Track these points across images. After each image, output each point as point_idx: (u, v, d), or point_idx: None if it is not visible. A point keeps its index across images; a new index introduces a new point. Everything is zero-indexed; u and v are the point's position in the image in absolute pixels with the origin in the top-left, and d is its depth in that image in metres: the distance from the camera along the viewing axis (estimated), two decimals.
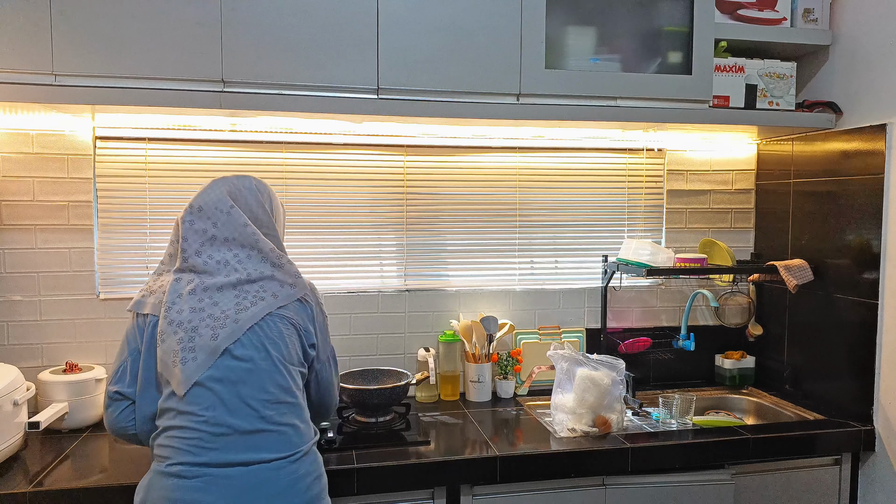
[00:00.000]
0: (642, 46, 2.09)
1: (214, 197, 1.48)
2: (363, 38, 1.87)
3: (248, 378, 1.33)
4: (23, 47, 1.70)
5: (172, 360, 1.33)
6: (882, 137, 2.03)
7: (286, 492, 1.30)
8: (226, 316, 1.36)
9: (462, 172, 2.41)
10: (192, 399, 1.31)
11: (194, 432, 1.30)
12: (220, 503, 1.25)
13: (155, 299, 1.42)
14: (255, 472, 1.28)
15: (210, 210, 1.46)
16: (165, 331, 1.35)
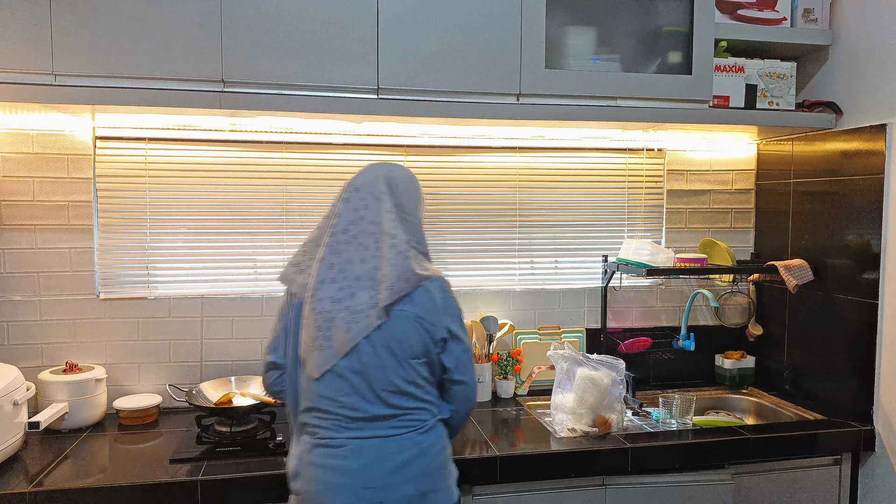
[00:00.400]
0: (642, 46, 2.09)
1: (371, 179, 1.54)
2: (363, 38, 1.87)
3: (376, 371, 1.44)
4: (23, 47, 1.70)
5: (310, 345, 1.46)
6: (882, 137, 2.03)
7: (416, 459, 1.44)
8: (360, 310, 1.44)
9: (462, 172, 2.41)
10: (328, 384, 1.45)
11: (334, 415, 1.45)
12: (360, 466, 1.41)
13: (302, 279, 1.51)
14: (390, 442, 1.44)
15: (365, 192, 1.53)
16: (308, 316, 1.47)
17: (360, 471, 1.42)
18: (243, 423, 1.96)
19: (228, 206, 2.24)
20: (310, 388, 1.47)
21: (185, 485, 1.63)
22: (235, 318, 2.25)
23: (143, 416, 2.06)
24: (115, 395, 2.14)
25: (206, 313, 2.23)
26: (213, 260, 2.24)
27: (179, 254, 2.22)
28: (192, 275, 2.23)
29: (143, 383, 2.20)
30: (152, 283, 2.20)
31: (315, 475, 1.43)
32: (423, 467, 1.45)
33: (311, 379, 1.46)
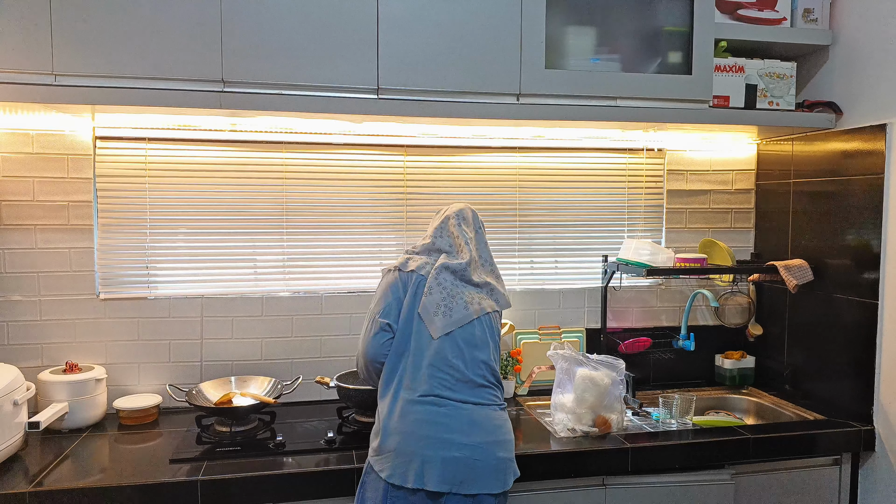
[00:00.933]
0: (642, 46, 2.09)
1: (471, 215, 1.84)
2: (363, 38, 1.87)
3: (483, 347, 1.69)
4: (23, 47, 1.70)
5: (434, 311, 1.67)
6: (882, 137, 2.03)
7: (500, 428, 1.63)
8: (473, 300, 1.72)
9: (462, 172, 2.41)
10: (443, 345, 1.65)
11: (442, 372, 1.63)
12: (462, 426, 1.59)
13: (418, 265, 1.73)
14: (482, 409, 1.64)
15: (468, 223, 1.83)
16: (434, 288, 1.69)
17: (461, 429, 1.58)
18: (243, 423, 1.96)
19: (228, 206, 2.24)
20: (426, 346, 1.65)
21: (185, 485, 1.63)
22: (235, 318, 2.25)
23: (143, 416, 2.06)
24: (115, 395, 2.14)
25: (206, 313, 2.23)
26: (213, 260, 2.24)
27: (179, 254, 2.22)
28: (192, 275, 2.23)
29: (143, 383, 2.20)
30: (152, 283, 2.20)
31: (421, 430, 1.57)
32: (504, 437, 1.63)
33: (430, 339, 1.66)
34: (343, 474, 1.71)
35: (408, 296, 1.70)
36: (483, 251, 1.83)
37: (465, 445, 1.57)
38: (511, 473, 1.62)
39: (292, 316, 2.29)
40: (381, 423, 1.63)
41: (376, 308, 1.73)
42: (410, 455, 1.55)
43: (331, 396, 2.23)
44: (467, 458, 1.56)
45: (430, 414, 1.59)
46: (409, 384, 1.63)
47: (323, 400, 2.28)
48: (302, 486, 1.70)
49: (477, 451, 1.57)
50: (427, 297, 1.68)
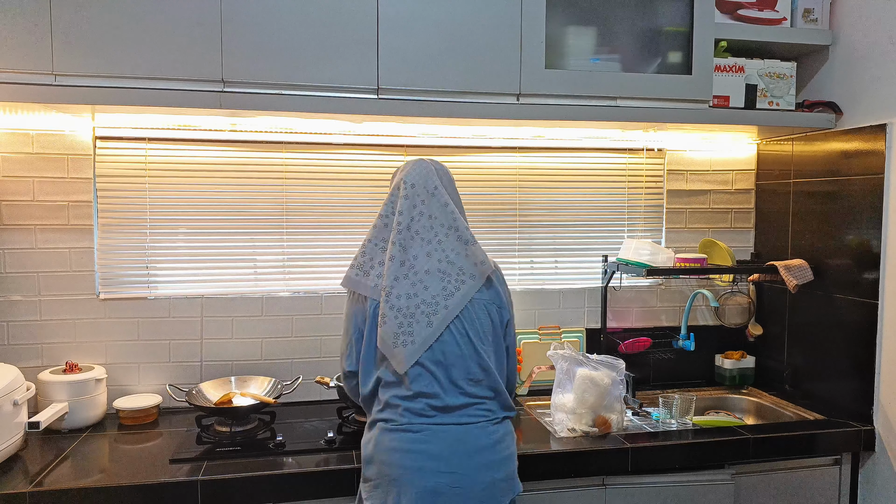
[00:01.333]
0: (642, 46, 2.09)
1: (423, 174, 1.60)
2: (363, 38, 1.87)
3: (457, 361, 1.52)
4: (23, 47, 1.70)
5: (393, 342, 1.50)
6: (882, 137, 2.03)
7: (490, 448, 1.50)
8: (436, 302, 1.52)
9: (462, 172, 2.41)
10: (412, 378, 1.50)
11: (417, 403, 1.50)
12: (440, 451, 1.46)
13: (371, 281, 1.56)
14: (466, 429, 1.50)
15: (420, 187, 1.58)
16: (387, 314, 1.51)
17: (439, 454, 1.46)
18: (243, 423, 1.96)
19: (228, 206, 2.24)
20: (393, 383, 1.52)
21: (185, 485, 1.63)
22: (235, 318, 2.25)
23: (143, 416, 2.06)
24: (115, 395, 2.14)
25: (206, 313, 2.23)
26: (213, 260, 2.24)
27: (179, 254, 2.22)
28: (192, 275, 2.23)
29: (143, 383, 2.20)
30: (152, 283, 2.20)
31: (394, 459, 1.47)
32: (496, 456, 1.51)
33: (394, 375, 1.51)
34: (343, 474, 1.71)
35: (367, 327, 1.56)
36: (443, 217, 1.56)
37: (444, 473, 1.45)
38: (508, 492, 1.51)
39: (292, 316, 2.29)
40: (363, 449, 1.56)
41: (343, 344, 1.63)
42: (388, 486, 1.47)
43: (331, 396, 2.23)
44: (446, 486, 1.44)
45: (405, 442, 1.48)
46: (383, 411, 1.53)
47: (323, 400, 2.28)
48: (302, 486, 1.70)
49: (459, 477, 1.45)
50: (382, 327, 1.51)
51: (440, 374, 1.51)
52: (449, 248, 1.56)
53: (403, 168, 1.65)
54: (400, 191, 1.59)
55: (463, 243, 1.57)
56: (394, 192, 1.61)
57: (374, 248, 1.59)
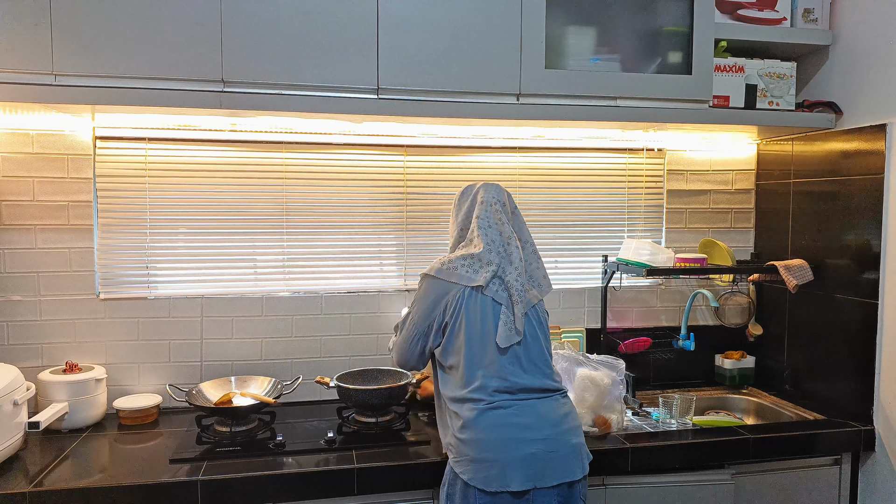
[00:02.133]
0: (642, 46, 2.09)
1: (503, 196, 1.81)
2: (363, 38, 1.87)
3: (534, 345, 1.70)
4: (23, 47, 1.70)
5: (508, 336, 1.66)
6: (882, 137, 2.03)
7: (568, 416, 1.67)
8: (523, 291, 1.71)
9: (462, 172, 2.41)
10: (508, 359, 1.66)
11: (503, 382, 1.64)
12: (530, 422, 1.61)
13: (465, 271, 1.71)
14: (544, 402, 1.66)
15: (508, 207, 1.81)
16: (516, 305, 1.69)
17: (531, 425, 1.60)
18: (243, 423, 1.96)
19: (228, 206, 2.24)
20: (490, 363, 1.65)
21: (185, 485, 1.63)
22: (235, 318, 2.25)
23: (143, 416, 2.06)
24: (115, 395, 2.14)
25: (206, 313, 2.23)
26: (213, 260, 2.24)
27: (179, 254, 2.22)
28: (192, 275, 2.23)
29: (143, 383, 2.20)
30: (152, 283, 2.20)
31: (493, 435, 1.59)
32: (572, 424, 1.66)
33: (492, 355, 1.65)
34: (343, 474, 1.71)
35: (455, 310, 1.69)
36: (521, 233, 1.82)
37: (538, 441, 1.59)
38: (586, 457, 1.65)
39: (292, 316, 2.29)
40: (453, 427, 1.65)
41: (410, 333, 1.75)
42: (491, 461, 1.56)
43: (331, 396, 2.22)
44: (543, 452, 1.58)
45: (501, 417, 1.60)
46: (472, 391, 1.63)
47: (323, 400, 2.28)
48: (302, 486, 1.70)
49: (551, 443, 1.59)
50: (503, 326, 1.68)
51: (523, 355, 1.68)
52: (527, 260, 1.79)
53: (485, 189, 1.81)
54: (495, 207, 1.78)
55: (536, 257, 1.82)
56: (488, 209, 1.77)
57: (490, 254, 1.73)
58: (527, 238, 1.83)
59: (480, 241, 1.74)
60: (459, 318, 1.68)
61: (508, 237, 1.75)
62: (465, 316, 1.68)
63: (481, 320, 1.68)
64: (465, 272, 1.71)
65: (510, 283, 1.71)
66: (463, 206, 1.84)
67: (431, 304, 1.72)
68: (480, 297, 1.69)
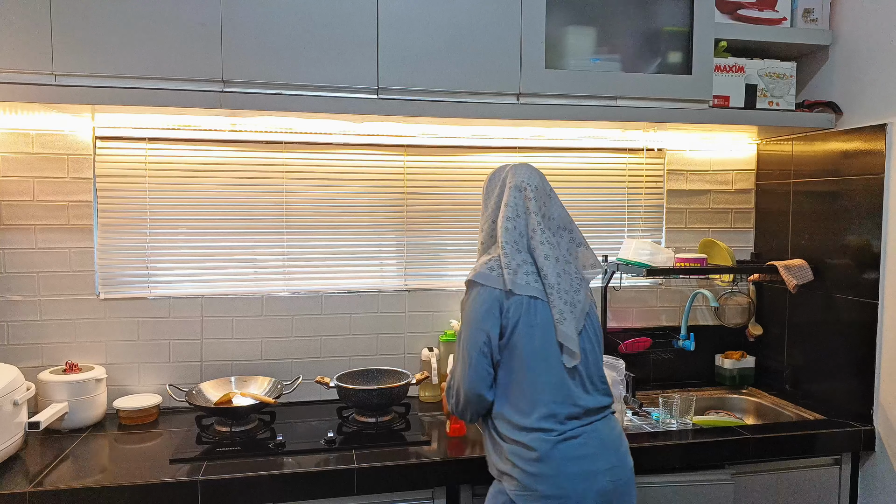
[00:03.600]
0: (642, 46, 2.09)
1: (537, 178, 1.62)
2: (363, 38, 1.87)
3: (592, 358, 1.57)
4: (23, 47, 1.70)
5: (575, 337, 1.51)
6: (882, 137, 2.03)
7: (622, 436, 1.59)
8: (576, 304, 1.55)
9: (462, 172, 2.41)
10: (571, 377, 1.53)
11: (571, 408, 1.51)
12: (596, 450, 1.51)
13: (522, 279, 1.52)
14: (604, 423, 1.55)
15: (541, 190, 1.61)
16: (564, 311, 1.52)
17: (598, 454, 1.50)
18: (243, 423, 1.96)
19: (228, 206, 2.24)
20: (556, 385, 1.51)
21: (185, 485, 1.63)
22: (235, 318, 2.25)
23: (143, 416, 2.06)
24: (115, 395, 2.15)
25: (206, 313, 2.23)
26: (213, 260, 2.24)
27: (179, 254, 2.22)
28: (192, 275, 2.23)
29: (143, 383, 2.20)
30: (152, 283, 2.20)
31: (566, 469, 1.48)
32: (626, 440, 1.60)
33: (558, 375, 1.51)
34: (343, 474, 1.71)
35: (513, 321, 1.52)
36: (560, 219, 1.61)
37: (606, 471, 1.50)
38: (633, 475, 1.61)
39: (292, 316, 2.29)
40: (517, 458, 1.51)
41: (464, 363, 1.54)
42: (565, 497, 1.47)
43: (331, 396, 2.23)
44: (612, 484, 1.50)
45: (573, 449, 1.49)
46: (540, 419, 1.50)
47: (323, 400, 2.28)
48: (302, 486, 1.70)
49: (617, 470, 1.52)
50: (562, 323, 1.51)
51: (584, 372, 1.55)
52: (564, 249, 1.60)
53: (514, 171, 1.63)
54: (527, 192, 1.59)
55: (575, 245, 1.63)
56: (516, 194, 1.59)
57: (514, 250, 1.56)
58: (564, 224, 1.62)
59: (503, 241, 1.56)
60: (517, 331, 1.51)
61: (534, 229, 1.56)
62: (524, 328, 1.51)
63: (541, 336, 1.51)
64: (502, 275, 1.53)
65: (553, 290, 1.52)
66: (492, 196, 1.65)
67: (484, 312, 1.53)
68: (540, 304, 1.52)
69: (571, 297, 1.55)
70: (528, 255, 1.56)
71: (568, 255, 1.60)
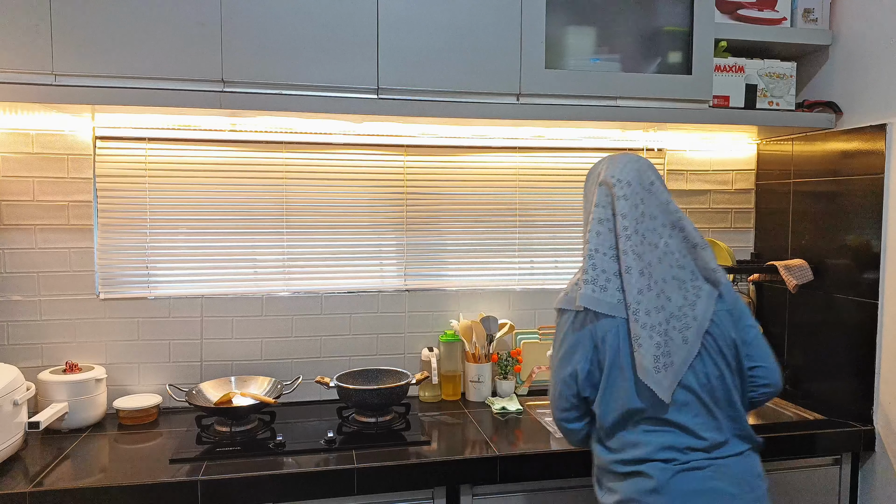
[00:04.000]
0: (642, 46, 2.09)
1: (636, 169, 1.42)
2: (363, 38, 1.87)
3: (718, 383, 1.37)
4: (23, 47, 1.70)
5: (654, 367, 1.32)
6: (882, 137, 2.03)
7: (761, 477, 1.39)
8: (683, 314, 1.34)
9: (462, 172, 2.41)
10: (679, 406, 1.34)
11: (690, 438, 1.34)
12: (727, 486, 1.33)
13: (611, 297, 1.36)
14: (739, 460, 1.36)
15: (636, 185, 1.40)
16: (641, 335, 1.33)
17: (726, 491, 1.33)
18: (243, 422, 1.96)
19: (228, 206, 2.24)
20: (656, 413, 1.35)
21: (185, 485, 1.63)
22: (235, 318, 2.25)
23: (143, 416, 2.06)
24: (115, 395, 2.15)
25: (206, 313, 2.23)
26: (213, 260, 2.24)
27: (179, 254, 2.22)
28: (192, 275, 2.23)
29: (143, 383, 2.20)
30: (152, 283, 2.20)
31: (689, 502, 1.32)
32: (764, 486, 1.40)
33: (656, 406, 1.34)
34: (343, 474, 1.71)
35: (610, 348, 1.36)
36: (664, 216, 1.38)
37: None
38: None
39: (292, 316, 2.29)
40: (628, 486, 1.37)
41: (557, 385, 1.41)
42: None
43: (331, 396, 2.23)
44: None
45: (694, 481, 1.33)
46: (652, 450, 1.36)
47: (323, 400, 2.28)
48: (302, 486, 1.70)
49: None
50: (638, 350, 1.33)
51: (706, 397, 1.35)
52: (676, 251, 1.38)
53: (608, 164, 1.46)
54: (614, 189, 1.40)
55: (691, 246, 1.40)
56: (604, 192, 1.43)
57: (604, 258, 1.39)
58: (674, 222, 1.39)
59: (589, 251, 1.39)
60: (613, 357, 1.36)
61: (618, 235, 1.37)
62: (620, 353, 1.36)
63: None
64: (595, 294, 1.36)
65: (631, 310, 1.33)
66: (587, 196, 1.47)
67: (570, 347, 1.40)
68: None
69: (666, 314, 1.34)
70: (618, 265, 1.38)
71: (681, 259, 1.38)
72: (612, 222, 1.40)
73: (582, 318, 1.40)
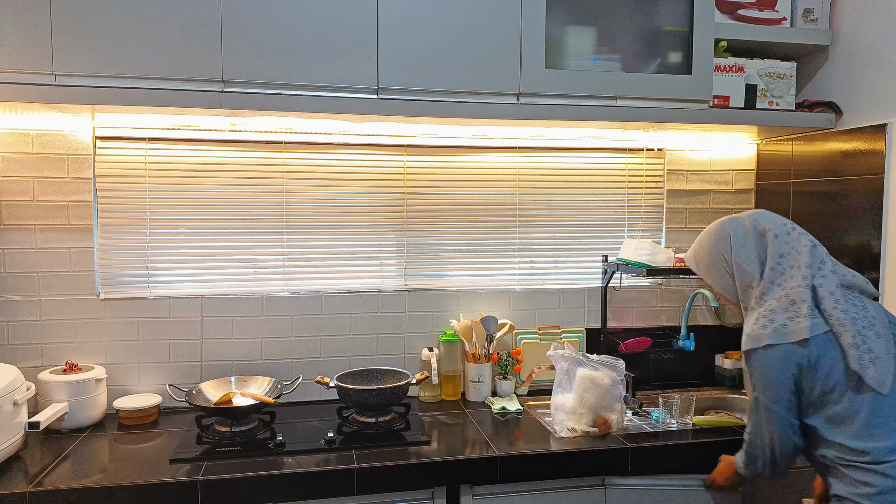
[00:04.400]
0: (642, 46, 2.09)
1: (780, 220, 1.60)
2: (363, 38, 1.87)
3: None
4: (23, 47, 1.70)
5: (861, 365, 1.40)
6: (882, 137, 2.03)
7: None
8: (864, 316, 1.46)
9: (462, 172, 2.41)
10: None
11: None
12: None
13: (806, 322, 1.45)
14: None
15: (796, 230, 1.59)
16: (853, 339, 1.42)
17: None
18: (243, 422, 1.96)
19: (228, 206, 2.24)
20: (878, 410, 1.40)
21: (185, 485, 1.64)
22: (235, 318, 2.25)
23: (143, 416, 2.06)
24: (115, 395, 2.14)
25: (206, 313, 2.23)
26: (213, 260, 2.24)
27: (179, 254, 2.22)
28: (192, 275, 2.23)
29: (143, 383, 2.20)
30: (152, 283, 2.20)
31: None
32: None
33: (876, 398, 1.40)
34: (343, 474, 1.71)
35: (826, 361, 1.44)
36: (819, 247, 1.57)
37: None
38: None
39: (292, 316, 2.29)
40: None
41: (772, 421, 1.49)
42: None
43: (331, 396, 2.23)
44: None
45: None
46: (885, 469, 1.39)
47: (323, 400, 2.28)
48: (302, 486, 1.70)
49: None
50: (852, 349, 1.42)
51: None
52: (839, 267, 1.56)
53: (758, 218, 1.61)
54: (791, 233, 1.58)
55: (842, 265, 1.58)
56: (760, 240, 1.58)
57: (795, 290, 1.51)
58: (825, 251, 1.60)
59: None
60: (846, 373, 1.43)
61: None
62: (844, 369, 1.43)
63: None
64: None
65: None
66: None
67: (780, 379, 1.46)
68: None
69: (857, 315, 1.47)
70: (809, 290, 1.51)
71: (848, 274, 1.57)
72: (786, 259, 1.57)
73: (784, 351, 1.48)
